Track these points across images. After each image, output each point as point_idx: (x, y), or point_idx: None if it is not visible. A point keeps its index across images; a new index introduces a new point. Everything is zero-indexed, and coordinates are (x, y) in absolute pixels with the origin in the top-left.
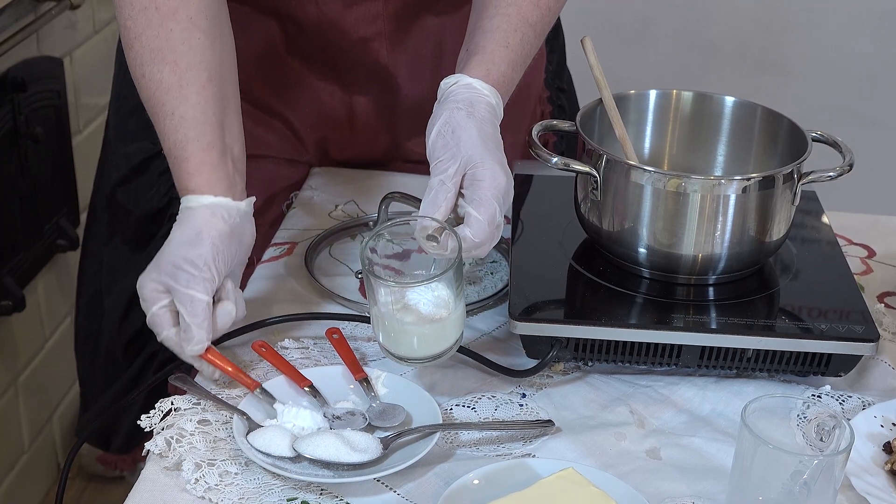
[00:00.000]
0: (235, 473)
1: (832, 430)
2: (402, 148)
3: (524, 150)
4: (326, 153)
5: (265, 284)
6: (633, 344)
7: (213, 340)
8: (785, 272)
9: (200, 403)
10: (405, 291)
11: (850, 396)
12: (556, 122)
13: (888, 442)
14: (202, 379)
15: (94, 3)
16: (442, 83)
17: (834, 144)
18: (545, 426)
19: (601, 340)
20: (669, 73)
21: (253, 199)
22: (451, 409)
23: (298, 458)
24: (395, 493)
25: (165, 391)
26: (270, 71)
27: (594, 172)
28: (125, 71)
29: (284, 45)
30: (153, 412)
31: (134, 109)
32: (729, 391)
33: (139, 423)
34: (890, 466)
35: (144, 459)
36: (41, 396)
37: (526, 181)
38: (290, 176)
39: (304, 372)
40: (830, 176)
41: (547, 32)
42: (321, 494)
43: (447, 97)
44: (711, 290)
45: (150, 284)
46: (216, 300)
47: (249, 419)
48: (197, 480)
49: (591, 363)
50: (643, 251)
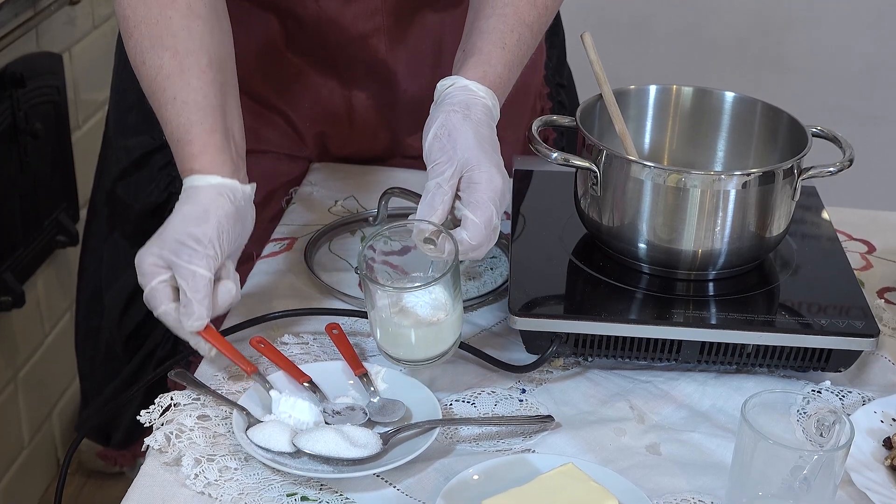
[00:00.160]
0: (235, 469)
1: (832, 425)
2: (401, 144)
3: (524, 146)
4: (326, 149)
5: (265, 280)
6: (632, 339)
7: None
8: (785, 268)
9: (200, 399)
10: (402, 295)
11: (849, 392)
12: (556, 117)
13: (888, 437)
14: (206, 360)
15: None
16: (438, 85)
17: (834, 140)
18: (545, 421)
19: (601, 336)
20: (669, 70)
21: (254, 185)
22: (450, 404)
23: (298, 453)
24: (394, 488)
25: (165, 387)
26: (270, 66)
27: (594, 168)
28: (125, 65)
29: (284, 40)
30: (153, 407)
31: (134, 104)
32: (729, 387)
33: (139, 418)
34: (890, 462)
35: (144, 455)
36: (41, 392)
37: (526, 177)
38: (289, 171)
39: (303, 367)
40: (830, 171)
41: (544, 32)
42: (321, 490)
43: (443, 99)
44: (711, 285)
45: (149, 259)
46: (216, 279)
47: (249, 414)
48: (196, 476)
49: (590, 359)
50: (643, 246)
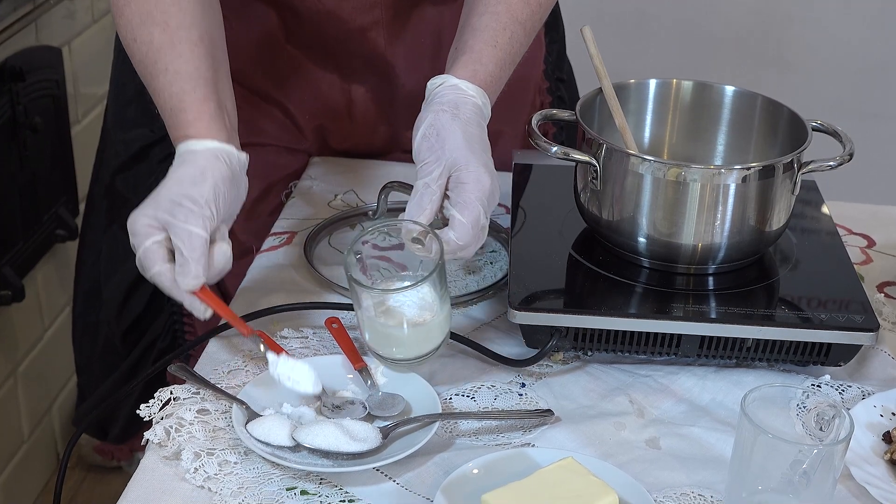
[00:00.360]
0: (235, 463)
1: (832, 419)
2: (401, 138)
3: (524, 140)
4: (326, 142)
5: (264, 274)
6: (632, 333)
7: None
8: (785, 262)
9: (199, 393)
10: (389, 296)
11: (849, 386)
12: (555, 111)
13: (888, 431)
14: (203, 314)
15: None
16: (429, 84)
17: (834, 134)
18: (544, 416)
19: (601, 330)
20: (669, 65)
21: (247, 155)
22: (450, 398)
23: (298, 447)
24: (394, 482)
25: (164, 381)
26: (269, 59)
27: (594, 162)
28: (124, 58)
29: (283, 33)
30: (152, 402)
31: (133, 97)
32: (728, 381)
33: (138, 412)
34: (889, 456)
35: (141, 449)
36: (40, 386)
37: (526, 171)
38: (288, 164)
39: (303, 361)
40: (830, 165)
41: (538, 29)
42: (320, 484)
43: (433, 98)
44: (711, 279)
45: (143, 220)
46: (211, 241)
47: (248, 408)
48: (196, 470)
49: (590, 353)
50: (643, 241)
